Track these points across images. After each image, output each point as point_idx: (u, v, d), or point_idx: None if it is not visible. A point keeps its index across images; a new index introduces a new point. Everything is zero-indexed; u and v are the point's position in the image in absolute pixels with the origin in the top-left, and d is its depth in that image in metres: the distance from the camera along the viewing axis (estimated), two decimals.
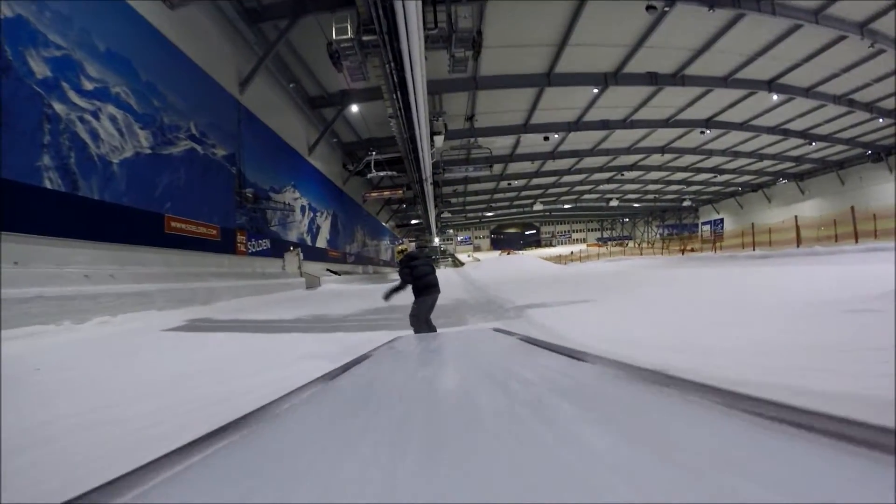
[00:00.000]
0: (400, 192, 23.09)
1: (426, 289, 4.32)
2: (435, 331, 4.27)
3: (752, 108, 23.32)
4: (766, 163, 34.15)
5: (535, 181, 37.34)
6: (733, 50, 17.25)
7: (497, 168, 30.13)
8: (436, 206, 34.84)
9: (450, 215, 48.35)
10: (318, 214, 20.87)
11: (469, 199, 42.74)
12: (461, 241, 60.61)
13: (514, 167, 32.23)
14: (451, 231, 58.92)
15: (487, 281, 15.30)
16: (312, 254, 19.33)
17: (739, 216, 42.33)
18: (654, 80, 19.09)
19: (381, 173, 20.99)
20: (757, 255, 16.51)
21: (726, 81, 19.84)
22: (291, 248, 16.66)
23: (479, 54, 15.71)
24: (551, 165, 32.69)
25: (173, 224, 9.74)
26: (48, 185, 7.25)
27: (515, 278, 17.05)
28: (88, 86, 8.08)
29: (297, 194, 17.96)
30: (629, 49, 16.93)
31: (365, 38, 12.46)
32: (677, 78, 19.19)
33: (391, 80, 14.83)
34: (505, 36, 15.59)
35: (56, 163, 7.40)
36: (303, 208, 18.63)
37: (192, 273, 10.04)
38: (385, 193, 23.11)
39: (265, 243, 14.44)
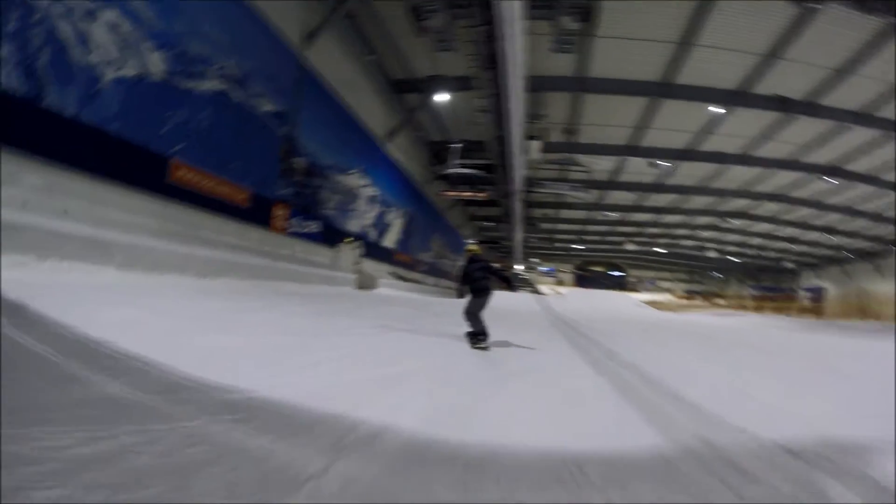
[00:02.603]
0: (483, 194, 20.24)
1: (479, 291, 5.24)
2: (484, 326, 5.12)
3: (886, 156, 17.73)
4: (887, 228, 27.10)
5: (632, 216, 33.44)
6: (880, 77, 12.88)
7: (594, 194, 26.93)
8: (523, 227, 31.68)
9: (536, 241, 44.79)
10: (390, 210, 18.80)
11: (559, 226, 39.25)
12: (544, 272, 56.22)
13: (612, 196, 28.65)
14: (536, 259, 54.88)
15: (590, 322, 11.49)
16: (376, 252, 17.16)
17: (843, 287, 35.33)
18: (783, 105, 15.13)
19: (465, 171, 18.42)
20: None
21: (863, 118, 15.22)
22: (350, 240, 14.54)
23: (592, 28, 12.75)
24: (653, 200, 28.69)
25: (181, 173, 7.83)
26: (3, 82, 5.55)
27: (630, 321, 13.40)
28: None
29: (366, 181, 15.97)
30: (761, 59, 13.28)
31: None
32: (809, 106, 15.09)
33: (482, 54, 12.38)
34: (620, 24, 12.60)
35: (18, 58, 5.71)
36: (370, 199, 16.61)
37: (198, 237, 8.02)
38: (465, 194, 20.42)
39: (314, 226, 12.40)
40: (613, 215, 33.15)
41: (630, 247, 42.09)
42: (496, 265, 6.15)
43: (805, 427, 2.82)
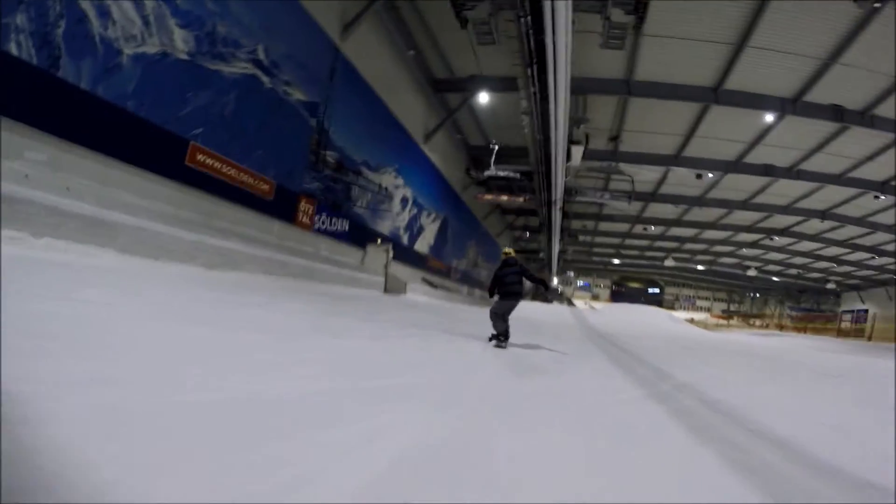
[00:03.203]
0: (521, 199, 19.31)
1: (508, 295, 5.19)
2: (508, 327, 5.09)
3: None
4: None
5: (674, 231, 32.08)
6: None
7: (635, 206, 25.61)
8: (561, 239, 30.43)
9: (573, 253, 43.12)
10: (425, 214, 18.19)
11: (597, 239, 38.11)
12: (580, 287, 54.26)
13: (654, 209, 27.43)
14: (572, 273, 52.95)
15: (629, 338, 10.41)
16: (407, 256, 16.55)
17: (887, 310, 34.67)
18: (840, 115, 14.03)
19: (503, 174, 17.63)
20: None
21: None
22: (379, 241, 14.00)
23: (642, 21, 11.82)
24: (696, 214, 27.44)
25: (200, 157, 7.47)
26: (14, 51, 5.31)
27: (671, 338, 12.37)
28: None
29: (400, 181, 15.43)
30: (818, 65, 12.23)
31: None
32: (866, 117, 13.87)
33: (526, 47, 11.63)
34: (671, 24, 11.82)
35: (34, 27, 5.46)
36: (404, 200, 16.05)
37: (213, 226, 7.61)
38: (503, 198, 19.54)
39: (342, 224, 11.91)
40: (654, 229, 32.02)
41: (669, 262, 40.42)
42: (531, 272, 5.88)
43: None
